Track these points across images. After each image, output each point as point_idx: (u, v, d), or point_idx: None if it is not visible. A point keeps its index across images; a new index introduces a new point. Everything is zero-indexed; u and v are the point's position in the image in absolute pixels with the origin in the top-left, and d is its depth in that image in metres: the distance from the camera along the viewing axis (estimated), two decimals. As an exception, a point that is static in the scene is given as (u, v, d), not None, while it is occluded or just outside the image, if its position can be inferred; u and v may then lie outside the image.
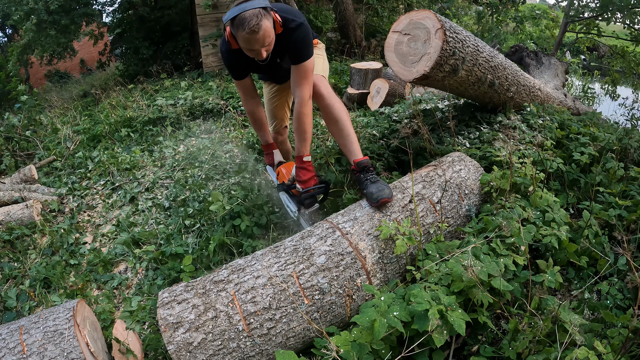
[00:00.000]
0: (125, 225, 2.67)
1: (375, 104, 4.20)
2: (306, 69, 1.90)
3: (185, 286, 1.48)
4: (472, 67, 2.25)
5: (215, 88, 5.48)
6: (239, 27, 1.62)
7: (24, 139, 4.15)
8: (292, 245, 1.60)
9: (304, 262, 1.52)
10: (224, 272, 1.52)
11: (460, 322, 1.20)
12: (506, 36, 9.69)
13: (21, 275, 2.30)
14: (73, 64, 12.50)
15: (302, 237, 1.64)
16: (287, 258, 1.54)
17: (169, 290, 1.50)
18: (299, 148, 2.00)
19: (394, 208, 1.76)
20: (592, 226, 1.83)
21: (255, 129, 2.27)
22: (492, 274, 1.36)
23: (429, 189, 1.88)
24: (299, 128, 1.96)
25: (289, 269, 1.50)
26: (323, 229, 1.67)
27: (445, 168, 2.00)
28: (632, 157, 2.54)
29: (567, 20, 7.24)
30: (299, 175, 2.00)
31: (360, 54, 6.97)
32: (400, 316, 1.22)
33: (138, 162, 3.60)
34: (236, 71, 2.02)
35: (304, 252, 1.55)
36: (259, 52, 1.71)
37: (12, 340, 1.44)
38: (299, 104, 1.92)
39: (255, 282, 1.45)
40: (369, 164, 1.96)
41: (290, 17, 1.81)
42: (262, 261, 1.54)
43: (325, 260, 1.53)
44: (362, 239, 1.63)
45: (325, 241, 1.59)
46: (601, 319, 1.50)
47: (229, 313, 1.40)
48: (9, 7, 7.56)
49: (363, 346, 1.17)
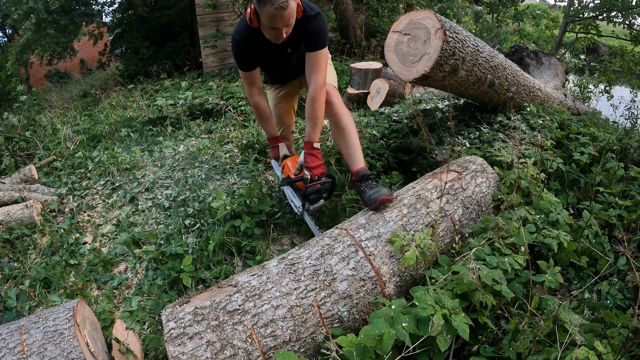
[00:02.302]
0: (125, 225, 2.66)
1: (375, 104, 4.20)
2: (322, 56, 1.92)
3: (194, 314, 1.30)
4: (472, 67, 2.25)
5: (215, 88, 5.48)
6: (266, 2, 1.63)
7: (24, 139, 4.14)
8: (311, 266, 1.47)
9: (326, 289, 1.42)
10: (237, 297, 1.36)
11: (464, 327, 1.21)
12: (506, 36, 9.70)
13: (21, 275, 2.30)
14: (73, 64, 12.49)
15: (322, 254, 1.51)
16: (308, 283, 1.42)
17: (173, 316, 1.30)
18: (309, 134, 1.98)
19: (417, 226, 1.68)
20: (592, 226, 1.84)
21: (260, 121, 2.26)
22: (496, 279, 1.36)
23: (452, 204, 1.81)
24: (312, 114, 1.95)
25: (310, 297, 1.39)
26: (345, 245, 1.55)
27: (468, 180, 1.94)
28: (632, 157, 2.54)
29: (567, 20, 7.24)
30: (307, 162, 1.97)
31: (360, 54, 6.97)
32: (408, 327, 1.21)
33: (138, 162, 3.59)
34: (246, 60, 2.02)
35: (325, 277, 1.44)
36: (280, 31, 1.72)
37: (12, 340, 1.44)
38: (314, 90, 1.92)
39: (274, 314, 1.34)
40: (367, 173, 1.95)
41: (308, 6, 1.86)
42: (279, 285, 1.40)
43: (347, 287, 1.44)
44: (385, 262, 1.55)
45: (348, 263, 1.49)
46: (601, 319, 1.50)
47: (248, 349, 1.28)
48: (8, 7, 7.55)
49: (367, 349, 1.17)
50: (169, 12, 8.94)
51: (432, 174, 2.00)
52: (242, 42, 1.93)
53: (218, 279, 2.05)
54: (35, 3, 6.77)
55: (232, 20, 6.85)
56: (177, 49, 8.78)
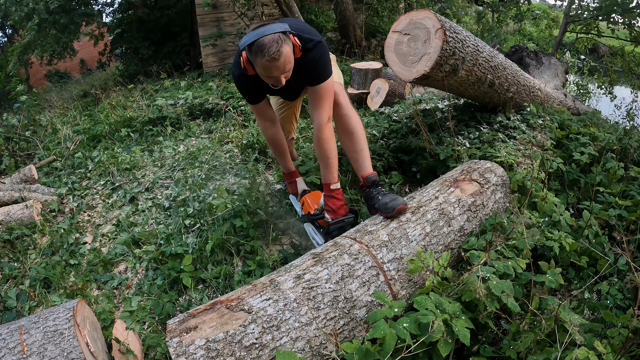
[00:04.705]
0: (125, 225, 2.66)
1: (375, 104, 4.20)
2: (325, 90, 1.78)
3: (207, 349, 1.19)
4: (472, 67, 2.25)
5: (215, 88, 5.48)
6: (257, 53, 1.53)
7: (24, 139, 4.15)
8: (331, 291, 1.40)
9: (344, 317, 1.38)
10: (253, 329, 1.26)
11: (465, 332, 1.20)
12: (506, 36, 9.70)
13: (21, 275, 2.30)
14: (73, 64, 12.50)
15: (342, 276, 1.44)
16: (327, 311, 1.36)
17: (182, 350, 1.17)
18: (325, 175, 1.87)
19: (438, 247, 1.63)
20: (592, 226, 1.84)
21: (276, 155, 2.14)
22: (505, 291, 1.34)
23: (471, 222, 1.76)
24: (322, 154, 1.84)
25: (329, 326, 1.35)
26: (366, 267, 1.48)
27: (489, 195, 1.88)
28: (632, 157, 2.54)
29: (567, 21, 7.24)
30: (328, 205, 1.87)
31: (360, 54, 6.98)
32: (409, 328, 1.20)
33: (138, 162, 3.60)
34: (251, 96, 1.91)
35: (345, 304, 1.40)
36: (278, 79, 1.62)
37: (12, 340, 1.44)
38: (318, 129, 1.80)
39: (293, 347, 1.28)
40: (377, 178, 1.87)
41: (307, 36, 1.71)
42: (298, 314, 1.32)
43: (365, 314, 1.41)
44: (404, 287, 1.51)
45: (369, 289, 1.45)
46: (601, 319, 1.50)
47: None
48: (8, 7, 7.56)
49: (369, 353, 1.18)
50: (169, 12, 8.95)
51: (453, 180, 1.90)
52: (245, 80, 1.81)
53: (218, 279, 2.05)
54: (36, 4, 6.78)
55: (232, 20, 6.85)
56: (177, 49, 8.80)
